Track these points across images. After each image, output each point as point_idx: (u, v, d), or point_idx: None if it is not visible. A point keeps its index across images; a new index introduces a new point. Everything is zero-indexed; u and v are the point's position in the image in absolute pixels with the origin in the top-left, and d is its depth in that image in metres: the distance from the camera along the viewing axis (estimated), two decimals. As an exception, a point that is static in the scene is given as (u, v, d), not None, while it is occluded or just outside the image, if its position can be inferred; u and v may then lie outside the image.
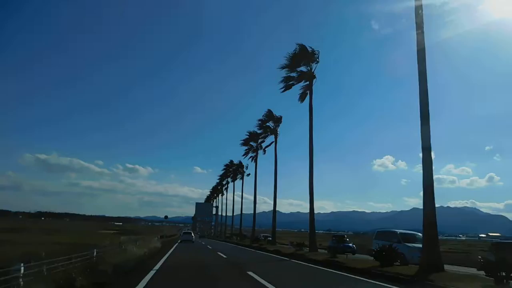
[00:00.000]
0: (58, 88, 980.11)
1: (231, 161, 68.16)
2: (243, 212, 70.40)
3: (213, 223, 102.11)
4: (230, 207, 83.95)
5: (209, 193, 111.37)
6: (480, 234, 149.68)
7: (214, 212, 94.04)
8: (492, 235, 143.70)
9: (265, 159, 49.01)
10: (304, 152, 27.18)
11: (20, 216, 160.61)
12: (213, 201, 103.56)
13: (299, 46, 26.81)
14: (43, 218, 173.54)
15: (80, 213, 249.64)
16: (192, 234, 45.84)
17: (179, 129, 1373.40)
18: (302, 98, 28.28)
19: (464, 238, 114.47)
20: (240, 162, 64.36)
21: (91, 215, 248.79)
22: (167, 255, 19.88)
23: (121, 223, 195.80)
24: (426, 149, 15.14)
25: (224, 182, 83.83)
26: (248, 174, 56.90)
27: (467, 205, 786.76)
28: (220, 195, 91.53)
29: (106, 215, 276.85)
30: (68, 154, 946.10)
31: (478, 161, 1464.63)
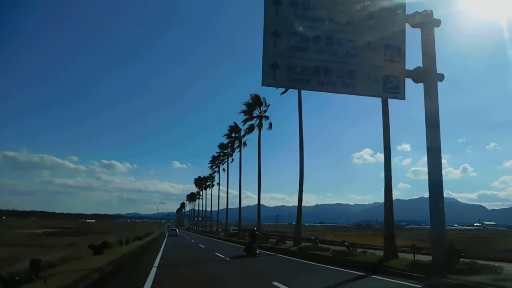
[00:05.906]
0: (25, 81, 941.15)
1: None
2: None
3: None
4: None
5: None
6: (475, 223, 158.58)
7: None
8: (486, 223, 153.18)
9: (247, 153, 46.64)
10: (289, 149, 21.59)
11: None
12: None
13: None
14: (4, 217, 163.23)
15: (51, 211, 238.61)
16: (177, 230, 60.47)
17: (154, 120, 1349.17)
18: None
19: (462, 228, 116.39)
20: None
21: (63, 213, 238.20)
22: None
23: (94, 220, 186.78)
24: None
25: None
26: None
27: (445, 196, 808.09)
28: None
29: (84, 213, 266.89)
30: (39, 151, 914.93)
31: (452, 153, 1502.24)
